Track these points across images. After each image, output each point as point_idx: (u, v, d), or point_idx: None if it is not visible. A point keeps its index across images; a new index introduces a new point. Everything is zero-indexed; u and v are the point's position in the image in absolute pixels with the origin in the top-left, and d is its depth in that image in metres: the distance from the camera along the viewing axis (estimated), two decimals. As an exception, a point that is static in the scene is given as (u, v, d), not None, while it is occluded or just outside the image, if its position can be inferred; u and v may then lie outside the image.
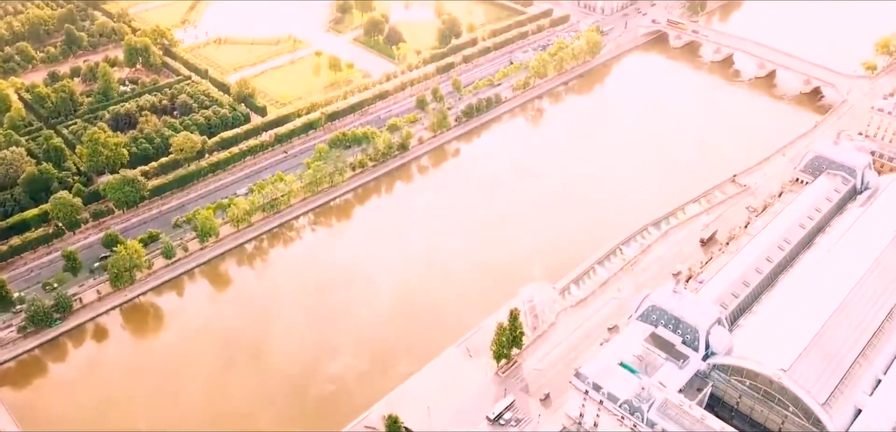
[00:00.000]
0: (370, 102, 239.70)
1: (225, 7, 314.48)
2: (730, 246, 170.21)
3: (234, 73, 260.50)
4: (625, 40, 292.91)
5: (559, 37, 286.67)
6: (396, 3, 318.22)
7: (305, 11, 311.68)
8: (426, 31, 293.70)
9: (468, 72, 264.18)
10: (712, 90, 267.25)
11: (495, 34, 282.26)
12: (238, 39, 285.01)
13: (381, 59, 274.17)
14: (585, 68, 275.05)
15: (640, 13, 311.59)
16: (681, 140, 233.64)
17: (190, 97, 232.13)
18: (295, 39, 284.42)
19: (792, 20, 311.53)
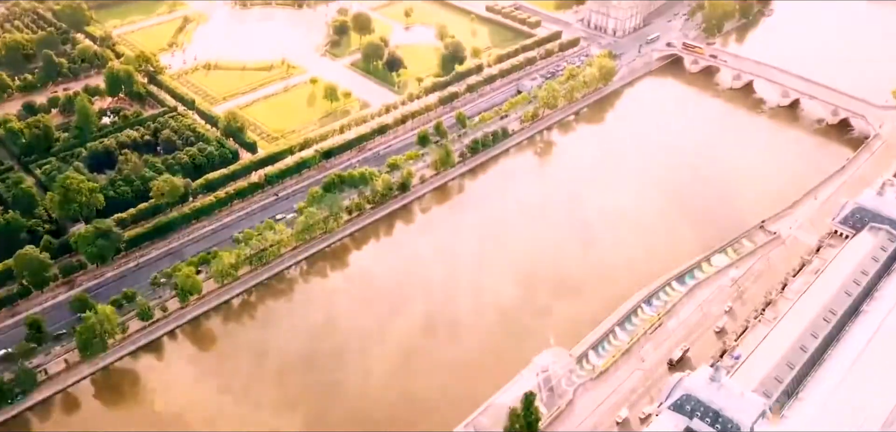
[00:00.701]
0: (368, 137, 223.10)
1: (215, 29, 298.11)
2: (766, 313, 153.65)
3: (223, 103, 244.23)
4: (638, 65, 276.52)
5: (569, 63, 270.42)
6: (396, 24, 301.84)
7: (300, 34, 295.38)
8: (428, 54, 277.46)
9: (473, 102, 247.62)
10: (732, 120, 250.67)
11: (501, 60, 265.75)
12: (228, 64, 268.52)
13: (381, 86, 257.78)
14: (597, 96, 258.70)
15: (654, 35, 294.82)
16: (701, 176, 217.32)
17: (174, 132, 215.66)
18: (289, 65, 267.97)
19: (816, 44, 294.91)
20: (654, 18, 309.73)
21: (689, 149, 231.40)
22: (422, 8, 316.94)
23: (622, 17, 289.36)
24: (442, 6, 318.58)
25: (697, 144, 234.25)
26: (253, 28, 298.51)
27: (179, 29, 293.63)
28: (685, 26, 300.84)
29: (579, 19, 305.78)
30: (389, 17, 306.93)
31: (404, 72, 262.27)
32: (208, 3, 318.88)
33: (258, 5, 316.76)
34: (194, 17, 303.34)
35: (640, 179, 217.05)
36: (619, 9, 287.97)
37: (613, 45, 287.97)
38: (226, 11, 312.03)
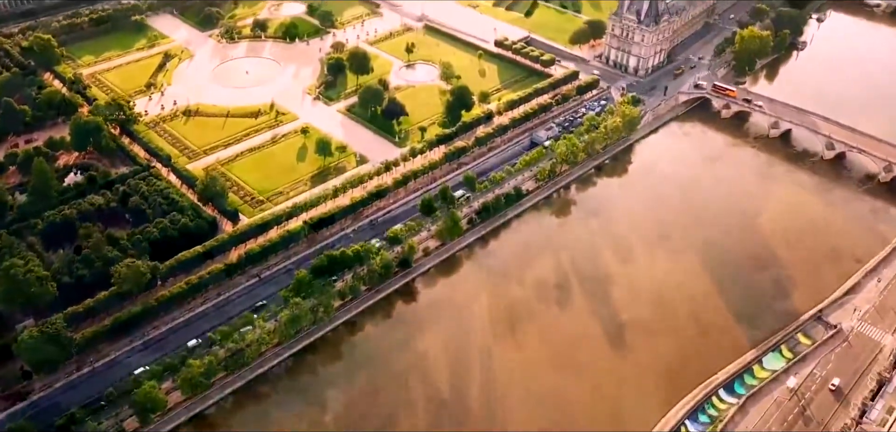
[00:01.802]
0: (365, 202, 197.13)
1: (199, 66, 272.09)
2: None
3: (204, 157, 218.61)
4: (663, 109, 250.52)
5: (588, 109, 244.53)
6: (397, 61, 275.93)
7: (291, 72, 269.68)
8: (431, 97, 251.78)
9: (482, 158, 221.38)
10: (772, 175, 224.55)
11: (512, 106, 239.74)
12: (211, 109, 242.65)
13: (380, 136, 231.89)
14: (620, 147, 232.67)
15: (677, 73, 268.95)
16: (740, 245, 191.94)
17: (144, 199, 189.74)
18: (278, 110, 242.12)
19: (860, 81, 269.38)
20: (680, 53, 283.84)
21: (723, 211, 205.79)
22: (425, 41, 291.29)
23: (645, 55, 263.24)
24: (447, 40, 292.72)
25: (733, 204, 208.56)
26: (240, 66, 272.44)
27: (159, 67, 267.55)
28: (713, 64, 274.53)
29: (597, 56, 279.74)
30: (389, 53, 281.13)
31: (405, 120, 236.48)
32: (193, 35, 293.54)
33: (246, 39, 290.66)
34: (176, 53, 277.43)
35: (671, 249, 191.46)
36: (642, 46, 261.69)
37: (635, 85, 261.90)
38: (211, 46, 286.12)
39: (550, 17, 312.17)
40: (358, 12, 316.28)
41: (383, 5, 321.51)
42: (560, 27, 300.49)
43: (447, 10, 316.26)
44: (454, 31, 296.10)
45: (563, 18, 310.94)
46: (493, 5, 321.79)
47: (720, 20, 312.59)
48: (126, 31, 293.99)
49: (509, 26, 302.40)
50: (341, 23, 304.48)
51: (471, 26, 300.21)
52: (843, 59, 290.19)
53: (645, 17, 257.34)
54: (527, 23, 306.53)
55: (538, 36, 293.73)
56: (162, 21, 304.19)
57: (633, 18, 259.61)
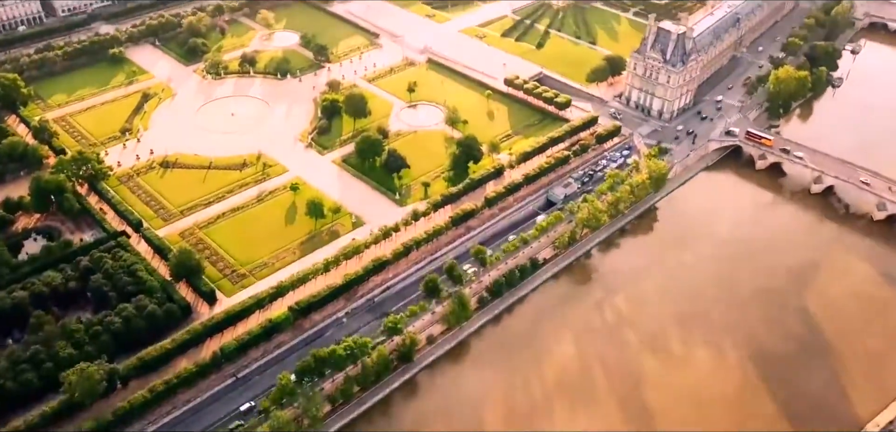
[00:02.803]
0: (361, 279, 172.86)
1: (181, 107, 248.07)
2: None
3: (181, 219, 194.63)
4: (692, 158, 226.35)
5: (609, 161, 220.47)
6: (397, 101, 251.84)
7: (282, 113, 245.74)
8: (436, 145, 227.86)
9: (492, 221, 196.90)
10: (819, 241, 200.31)
11: (525, 158, 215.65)
12: (191, 160, 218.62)
13: (378, 192, 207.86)
14: (646, 205, 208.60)
15: (706, 118, 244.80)
16: (788, 334, 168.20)
17: (109, 278, 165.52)
18: (265, 161, 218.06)
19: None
20: (706, 91, 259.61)
21: (766, 287, 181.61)
22: (428, 78, 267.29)
23: (671, 98, 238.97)
24: (452, 76, 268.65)
25: (777, 278, 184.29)
26: (226, 107, 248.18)
27: (136, 109, 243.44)
28: (745, 105, 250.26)
29: (617, 96, 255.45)
30: (389, 92, 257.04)
31: (407, 173, 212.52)
32: (175, 70, 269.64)
33: (234, 75, 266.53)
34: (156, 92, 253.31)
35: (708, 334, 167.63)
36: (667, 88, 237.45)
37: (660, 131, 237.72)
38: (195, 83, 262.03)
39: (564, 50, 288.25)
40: (356, 44, 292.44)
41: (383, 35, 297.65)
42: (575, 61, 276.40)
43: (452, 41, 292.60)
44: (460, 66, 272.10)
45: (578, 51, 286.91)
46: (502, 36, 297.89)
47: (747, 52, 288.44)
48: (102, 65, 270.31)
49: (519, 60, 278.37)
50: (337, 56, 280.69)
51: (478, 60, 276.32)
52: (883, 96, 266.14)
53: (671, 56, 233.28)
54: (538, 56, 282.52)
55: (551, 72, 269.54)
56: (142, 53, 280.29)
57: (657, 58, 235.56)
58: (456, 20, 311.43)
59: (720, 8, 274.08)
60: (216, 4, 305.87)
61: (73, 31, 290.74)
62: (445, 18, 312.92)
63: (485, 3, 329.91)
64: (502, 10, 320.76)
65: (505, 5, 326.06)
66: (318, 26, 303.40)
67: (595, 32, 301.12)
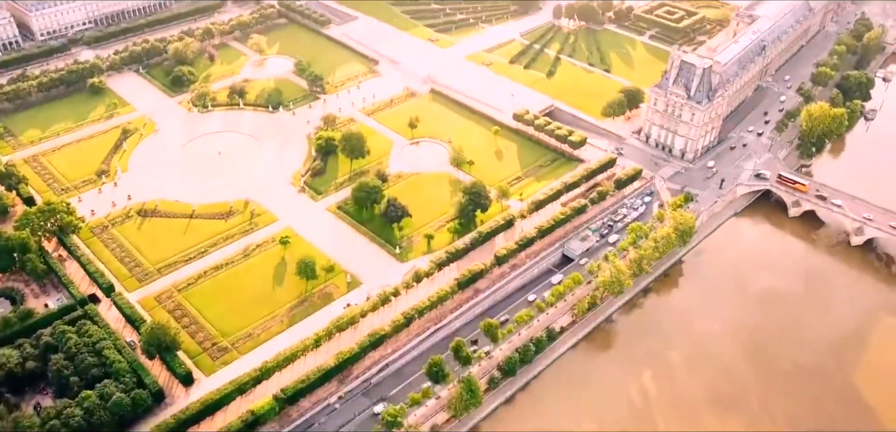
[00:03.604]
0: (357, 357, 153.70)
1: (163, 143, 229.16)
2: None
3: (158, 278, 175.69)
4: (720, 204, 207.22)
5: (630, 209, 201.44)
6: (399, 138, 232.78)
7: (273, 151, 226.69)
8: (439, 190, 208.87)
9: (502, 283, 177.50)
10: (867, 303, 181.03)
11: (538, 206, 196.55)
12: (172, 207, 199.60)
13: (376, 245, 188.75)
14: (672, 260, 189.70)
15: (736, 159, 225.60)
16: (841, 424, 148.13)
17: (71, 359, 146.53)
18: (253, 209, 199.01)
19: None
20: (731, 126, 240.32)
21: (812, 363, 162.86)
22: (431, 111, 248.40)
23: (695, 136, 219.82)
24: (457, 109, 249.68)
25: (822, 353, 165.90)
26: (212, 144, 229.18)
27: (115, 147, 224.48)
28: (774, 144, 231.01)
29: (635, 132, 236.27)
30: (389, 127, 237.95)
31: (408, 222, 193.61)
32: (159, 101, 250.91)
33: (222, 108, 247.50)
34: (137, 127, 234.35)
35: (747, 420, 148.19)
36: (691, 126, 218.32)
37: (684, 172, 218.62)
38: (180, 117, 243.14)
39: (576, 79, 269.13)
40: (354, 71, 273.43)
41: (382, 62, 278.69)
42: (588, 91, 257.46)
43: (456, 69, 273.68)
44: (465, 98, 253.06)
45: (591, 80, 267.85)
46: (509, 62, 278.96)
47: (773, 81, 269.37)
48: (81, 96, 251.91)
49: (529, 90, 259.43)
50: (333, 86, 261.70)
51: (484, 90, 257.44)
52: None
53: (695, 92, 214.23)
54: (549, 85, 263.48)
55: (563, 104, 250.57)
56: (125, 82, 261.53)
57: (680, 93, 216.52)
58: (460, 45, 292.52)
59: (744, 35, 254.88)
60: (205, 28, 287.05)
61: (52, 57, 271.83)
62: (449, 43, 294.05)
63: (490, 25, 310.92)
64: (509, 34, 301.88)
65: (512, 28, 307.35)
66: (314, 51, 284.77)
67: (609, 59, 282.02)
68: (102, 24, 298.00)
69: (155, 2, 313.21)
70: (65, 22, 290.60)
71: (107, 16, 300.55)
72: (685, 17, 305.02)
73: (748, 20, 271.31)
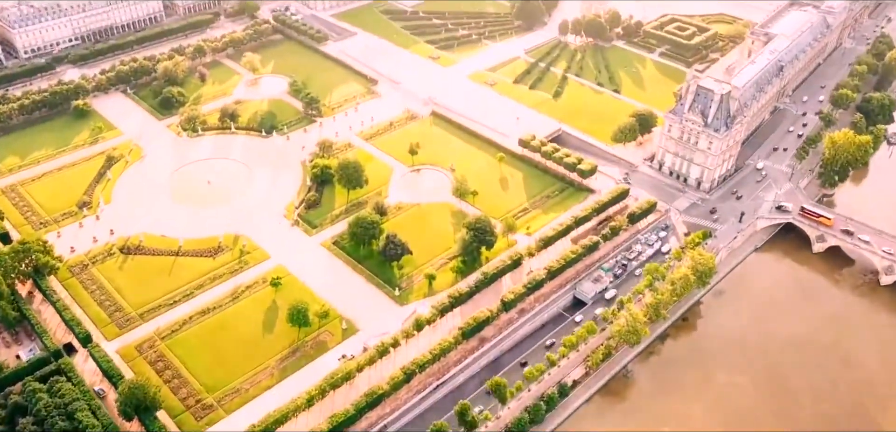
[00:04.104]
0: (353, 419, 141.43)
1: (150, 171, 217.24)
2: None
3: (141, 325, 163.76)
4: (740, 240, 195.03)
5: (644, 244, 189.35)
6: (398, 165, 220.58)
7: (265, 180, 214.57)
8: (442, 221, 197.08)
9: (510, 330, 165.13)
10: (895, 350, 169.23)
11: (547, 243, 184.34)
12: (158, 242, 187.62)
13: (374, 286, 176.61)
14: (690, 302, 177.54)
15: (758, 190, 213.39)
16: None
17: (38, 424, 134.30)
18: (243, 246, 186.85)
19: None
20: (750, 153, 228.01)
21: (839, 419, 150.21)
22: (433, 135, 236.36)
23: (712, 165, 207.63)
24: (459, 133, 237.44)
25: (848, 403, 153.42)
26: (200, 172, 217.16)
27: (99, 176, 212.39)
28: (795, 171, 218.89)
29: (647, 159, 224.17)
30: (388, 154, 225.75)
31: (408, 260, 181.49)
32: (147, 124, 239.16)
33: (212, 132, 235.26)
34: (123, 153, 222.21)
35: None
36: (708, 154, 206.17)
37: (700, 204, 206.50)
38: (169, 141, 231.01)
39: (584, 100, 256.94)
40: (351, 92, 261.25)
41: (381, 81, 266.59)
42: (597, 114, 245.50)
43: (459, 90, 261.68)
44: (468, 121, 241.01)
45: (601, 101, 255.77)
46: (514, 82, 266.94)
47: (790, 101, 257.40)
48: (65, 119, 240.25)
49: (534, 113, 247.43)
50: (330, 108, 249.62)
51: (488, 113, 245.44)
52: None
53: (713, 119, 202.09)
54: (556, 107, 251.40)
55: (571, 128, 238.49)
56: (111, 104, 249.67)
57: (697, 120, 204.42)
58: (462, 63, 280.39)
59: (761, 54, 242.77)
60: (196, 45, 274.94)
61: (35, 76, 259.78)
62: (451, 62, 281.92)
63: (494, 41, 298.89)
64: (514, 52, 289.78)
65: (516, 45, 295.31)
66: (310, 69, 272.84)
67: (618, 78, 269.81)
68: (90, 41, 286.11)
69: (145, 17, 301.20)
70: (50, 39, 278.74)
71: (94, 32, 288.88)
72: (696, 34, 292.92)
73: (764, 38, 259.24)
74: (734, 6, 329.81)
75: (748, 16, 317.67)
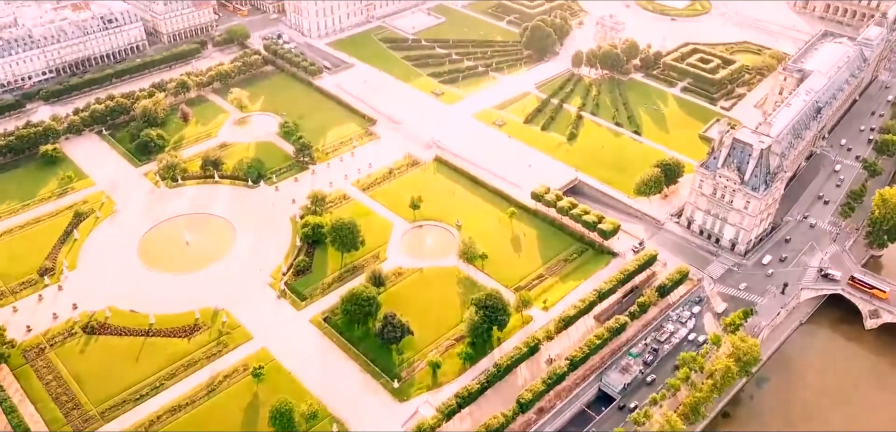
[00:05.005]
0: None
1: (122, 229, 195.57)
2: None
3: (99, 426, 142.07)
4: (783, 315, 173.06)
5: (677, 322, 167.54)
6: (398, 221, 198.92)
7: (250, 239, 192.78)
8: (447, 291, 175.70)
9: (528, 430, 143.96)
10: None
11: (568, 322, 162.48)
12: (126, 319, 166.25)
13: (370, 376, 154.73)
14: (730, 393, 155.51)
15: (796, 253, 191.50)
16: None
17: None
18: (223, 323, 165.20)
19: None
20: (787, 207, 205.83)
21: None
22: (436, 184, 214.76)
23: (749, 226, 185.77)
24: (465, 182, 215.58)
25: None
26: (178, 230, 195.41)
27: (65, 236, 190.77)
28: (841, 232, 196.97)
29: (674, 215, 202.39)
30: (387, 207, 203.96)
31: (409, 341, 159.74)
32: (122, 171, 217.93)
33: (193, 182, 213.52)
34: (93, 208, 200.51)
35: None
36: (744, 215, 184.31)
37: (737, 270, 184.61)
38: (145, 192, 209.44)
39: (602, 142, 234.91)
40: (348, 133, 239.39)
41: (381, 120, 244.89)
42: (617, 159, 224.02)
43: (464, 130, 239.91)
44: (475, 168, 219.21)
45: (619, 145, 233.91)
46: (524, 122, 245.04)
47: (827, 144, 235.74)
48: (33, 166, 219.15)
49: (548, 158, 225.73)
50: (324, 152, 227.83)
51: (497, 158, 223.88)
52: None
53: (751, 176, 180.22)
54: (571, 152, 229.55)
55: (588, 176, 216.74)
56: (84, 148, 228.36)
57: (732, 177, 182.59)
58: (468, 99, 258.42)
59: (796, 96, 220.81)
60: (179, 80, 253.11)
61: (2, 116, 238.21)
62: (456, 97, 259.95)
63: (501, 74, 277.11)
64: (523, 86, 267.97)
65: (526, 78, 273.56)
66: (303, 106, 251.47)
67: (638, 117, 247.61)
68: (65, 75, 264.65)
69: (126, 46, 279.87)
70: (21, 72, 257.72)
71: (70, 64, 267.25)
72: (721, 67, 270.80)
73: (797, 75, 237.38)
74: (758, 34, 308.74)
75: (774, 44, 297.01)
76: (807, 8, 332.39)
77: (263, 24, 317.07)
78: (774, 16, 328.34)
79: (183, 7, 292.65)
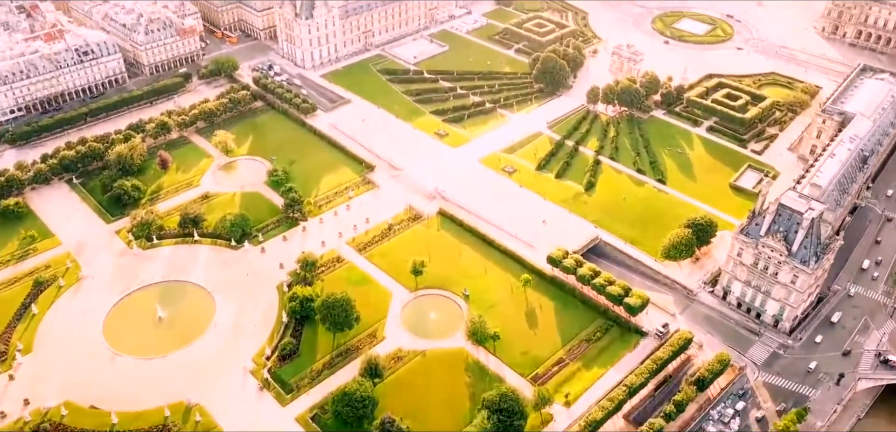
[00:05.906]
0: None
1: (84, 303, 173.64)
2: None
3: None
4: (839, 411, 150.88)
5: (718, 421, 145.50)
6: (398, 290, 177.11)
7: (232, 311, 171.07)
8: (454, 381, 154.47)
9: None
10: None
11: (595, 426, 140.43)
12: (85, 418, 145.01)
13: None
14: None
15: (848, 333, 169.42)
16: None
17: None
18: (196, 426, 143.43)
19: None
20: (833, 277, 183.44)
21: None
22: (440, 242, 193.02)
23: (796, 302, 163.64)
24: (472, 241, 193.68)
25: None
26: (150, 302, 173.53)
27: (22, 309, 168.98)
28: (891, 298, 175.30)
29: (707, 283, 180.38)
30: (386, 273, 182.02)
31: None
32: (92, 227, 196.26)
33: (170, 242, 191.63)
34: (56, 275, 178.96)
35: None
36: (791, 290, 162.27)
37: (783, 353, 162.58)
38: (116, 254, 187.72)
39: (623, 192, 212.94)
40: (343, 181, 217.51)
41: (379, 165, 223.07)
42: (640, 213, 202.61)
43: (471, 179, 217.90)
44: (483, 223, 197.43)
45: (642, 195, 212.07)
46: (537, 169, 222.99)
47: (871, 195, 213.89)
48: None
49: (564, 212, 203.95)
50: (316, 205, 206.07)
51: (507, 212, 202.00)
52: None
53: (799, 248, 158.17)
54: (589, 204, 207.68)
55: (609, 234, 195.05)
56: (51, 200, 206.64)
57: (778, 248, 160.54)
58: (475, 141, 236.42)
59: (841, 144, 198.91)
60: (159, 120, 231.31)
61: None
62: (461, 139, 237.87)
63: (511, 111, 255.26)
64: (535, 125, 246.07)
65: (538, 116, 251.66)
66: (294, 149, 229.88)
67: (662, 163, 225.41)
68: (35, 113, 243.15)
69: (104, 79, 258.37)
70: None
71: (41, 100, 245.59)
72: (750, 104, 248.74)
73: (838, 119, 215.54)
74: (786, 64, 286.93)
75: (804, 76, 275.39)
76: (837, 35, 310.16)
77: (254, 52, 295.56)
78: (802, 43, 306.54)
79: (166, 36, 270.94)
